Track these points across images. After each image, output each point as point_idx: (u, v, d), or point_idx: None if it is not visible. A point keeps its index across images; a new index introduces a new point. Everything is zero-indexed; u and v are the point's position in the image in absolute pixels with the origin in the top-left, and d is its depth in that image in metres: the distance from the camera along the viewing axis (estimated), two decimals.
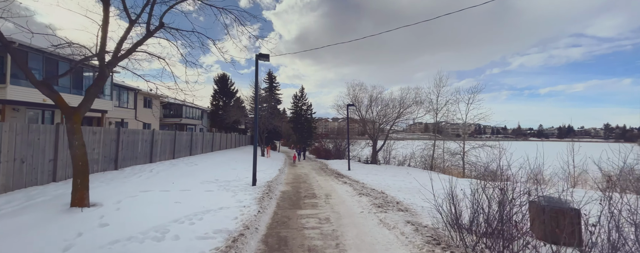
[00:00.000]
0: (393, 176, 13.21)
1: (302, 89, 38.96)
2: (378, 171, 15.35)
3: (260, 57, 9.33)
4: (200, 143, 16.64)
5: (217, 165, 13.19)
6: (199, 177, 9.62)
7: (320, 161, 23.99)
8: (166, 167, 10.62)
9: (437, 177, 11.96)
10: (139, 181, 7.87)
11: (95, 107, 14.62)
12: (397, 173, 14.82)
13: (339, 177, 12.78)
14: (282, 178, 12.56)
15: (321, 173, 15.22)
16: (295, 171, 16.21)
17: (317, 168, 18.62)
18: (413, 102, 20.30)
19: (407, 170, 17.33)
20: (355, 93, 21.65)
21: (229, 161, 15.63)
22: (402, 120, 21.11)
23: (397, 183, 10.90)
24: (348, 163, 16.60)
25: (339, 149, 29.19)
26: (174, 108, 29.73)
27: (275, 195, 8.24)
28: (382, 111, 20.97)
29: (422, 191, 9.33)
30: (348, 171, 15.58)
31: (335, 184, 10.61)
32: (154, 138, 11.10)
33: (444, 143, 19.85)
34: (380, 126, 21.38)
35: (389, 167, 18.53)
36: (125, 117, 19.75)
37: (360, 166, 18.63)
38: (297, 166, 20.04)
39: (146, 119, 23.92)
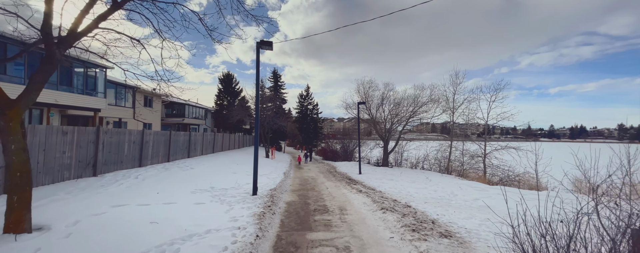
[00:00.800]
0: (412, 182, 11.67)
1: (307, 88, 37.62)
2: (393, 176, 13.81)
3: (263, 45, 7.93)
4: (199, 144, 15.34)
5: (216, 169, 11.84)
6: (192, 184, 8.25)
7: (327, 163, 22.52)
8: (156, 172, 9.29)
9: (462, 184, 10.34)
10: (117, 191, 6.52)
11: (86, 105, 13.43)
12: (415, 177, 13.27)
13: (351, 183, 11.29)
14: (288, 183, 11.14)
15: (330, 177, 13.77)
16: (302, 174, 14.79)
17: (325, 171, 17.17)
18: (429, 100, 18.69)
19: (425, 173, 15.74)
20: (365, 91, 20.17)
21: (230, 163, 14.28)
22: (416, 120, 19.52)
23: (419, 191, 9.37)
24: (359, 167, 15.10)
25: (347, 151, 27.69)
26: (177, 108, 28.63)
27: (278, 208, 6.80)
28: (394, 109, 19.41)
29: (454, 203, 7.82)
30: (359, 175, 14.09)
31: (349, 192, 9.13)
32: (144, 138, 9.78)
33: (463, 144, 18.19)
34: (392, 126, 19.81)
35: (403, 170, 16.97)
36: (123, 116, 18.61)
37: (372, 170, 17.11)
38: (303, 168, 18.63)
39: (147, 118, 22.80)
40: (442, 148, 20.49)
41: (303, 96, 37.42)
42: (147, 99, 22.94)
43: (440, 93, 19.25)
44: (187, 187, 7.81)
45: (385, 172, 15.68)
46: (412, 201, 7.66)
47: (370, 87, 20.11)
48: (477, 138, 20.14)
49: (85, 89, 13.32)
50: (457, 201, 7.91)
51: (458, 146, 18.97)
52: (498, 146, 17.04)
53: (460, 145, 19.20)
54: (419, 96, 18.68)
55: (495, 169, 16.72)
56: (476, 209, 6.99)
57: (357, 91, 20.55)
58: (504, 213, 6.80)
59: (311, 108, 37.29)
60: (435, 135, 50.76)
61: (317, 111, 37.48)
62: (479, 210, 6.86)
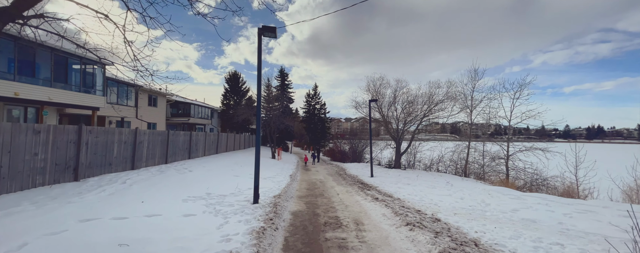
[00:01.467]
0: (432, 187, 10.43)
1: (315, 87, 36.55)
2: (409, 179, 12.58)
3: (265, 32, 6.88)
4: (201, 145, 14.44)
5: (217, 171, 10.87)
6: (187, 190, 7.27)
7: (336, 165, 21.40)
8: (149, 175, 8.36)
9: (490, 190, 9.03)
10: (95, 200, 5.57)
11: (83, 103, 12.69)
12: (433, 182, 12.00)
13: (364, 188, 10.14)
14: (294, 188, 10.07)
15: (340, 180, 12.64)
16: (309, 177, 13.72)
17: (334, 173, 16.05)
18: (445, 97, 17.33)
19: (442, 176, 14.43)
20: (376, 88, 18.95)
21: (233, 165, 13.32)
22: (431, 119, 18.17)
23: (443, 199, 8.15)
24: (371, 169, 13.92)
25: (356, 151, 26.49)
26: (182, 107, 27.99)
27: (282, 220, 5.73)
28: (407, 108, 18.11)
29: (490, 215, 6.59)
30: (372, 178, 12.92)
31: (363, 200, 7.99)
32: (137, 138, 8.87)
33: (483, 145, 16.76)
34: (404, 125, 18.53)
35: (419, 173, 15.68)
36: (126, 115, 17.93)
37: (384, 172, 15.89)
38: (310, 170, 17.56)
39: (151, 118, 22.15)
40: (458, 148, 19.10)
41: (310, 95, 36.38)
42: (151, 98, 22.29)
43: (458, 91, 17.87)
44: (180, 193, 6.83)
45: (399, 175, 14.44)
46: (440, 213, 6.47)
47: (381, 84, 18.91)
48: (498, 138, 18.66)
49: (82, 87, 12.58)
50: (493, 212, 6.67)
51: (476, 147, 17.55)
52: (523, 147, 15.57)
53: (478, 146, 17.79)
54: (434, 94, 17.36)
55: (519, 172, 15.26)
56: (520, 224, 5.76)
57: (367, 89, 19.38)
58: (553, 228, 5.56)
59: (319, 107, 36.21)
60: (445, 135, 48.86)
61: (325, 111, 36.39)
62: (523, 226, 5.63)
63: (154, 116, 22.57)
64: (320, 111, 36.10)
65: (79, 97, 12.21)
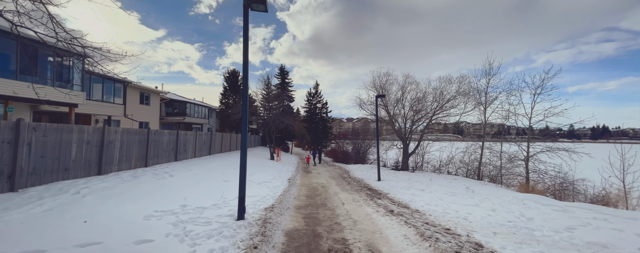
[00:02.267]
0: (451, 193, 8.91)
1: (316, 86, 35.07)
2: (422, 184, 11.08)
3: (253, 3, 5.42)
4: (191, 145, 12.99)
5: (204, 176, 9.42)
6: (157, 201, 5.82)
7: (339, 167, 19.91)
8: (117, 182, 6.91)
9: (520, 198, 7.58)
10: (18, 219, 4.13)
11: (58, 99, 11.28)
12: (451, 187, 10.48)
13: (373, 195, 8.65)
14: (291, 195, 8.59)
15: (344, 185, 11.16)
16: (310, 181, 12.25)
17: (337, 176, 14.57)
18: (457, 94, 15.80)
19: (459, 180, 12.90)
20: (381, 84, 17.42)
21: (225, 168, 11.87)
22: (441, 117, 16.63)
23: (471, 210, 6.65)
24: (378, 172, 12.43)
25: (359, 152, 25.00)
26: (178, 106, 26.62)
27: (272, 247, 4.25)
28: (416, 105, 16.58)
29: (542, 236, 5.08)
30: (379, 182, 11.43)
31: (375, 212, 6.50)
32: (105, 138, 7.43)
33: (501, 146, 15.21)
34: (413, 124, 17.01)
35: (432, 176, 14.16)
36: (113, 114, 16.54)
37: (392, 175, 14.39)
38: (311, 172, 16.09)
39: (142, 117, 20.78)
40: (470, 149, 17.57)
41: (311, 94, 34.91)
42: (143, 96, 20.91)
43: (471, 87, 16.34)
44: (146, 206, 5.38)
45: (409, 179, 12.93)
46: (475, 232, 4.97)
47: (387, 80, 17.40)
48: (515, 138, 17.14)
49: (56, 81, 11.18)
50: (543, 231, 5.17)
51: (491, 147, 16.01)
52: (545, 148, 14.01)
53: (493, 147, 16.26)
54: (445, 90, 15.83)
55: (541, 175, 13.70)
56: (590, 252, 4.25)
57: (372, 85, 17.85)
58: None
59: (320, 106, 34.73)
60: (447, 135, 47.06)
61: (327, 110, 34.90)
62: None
63: (146, 114, 21.20)
64: (321, 110, 34.63)
65: (51, 92, 10.81)
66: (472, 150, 17.51)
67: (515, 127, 16.76)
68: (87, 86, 14.60)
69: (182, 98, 27.98)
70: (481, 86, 16.24)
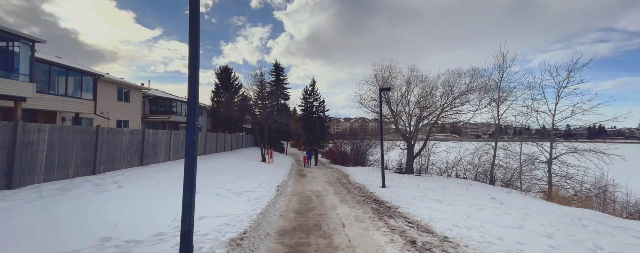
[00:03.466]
0: (478, 207, 7.02)
1: (313, 83, 33.10)
2: (435, 191, 9.18)
3: None
4: (163, 146, 10.98)
5: (168, 186, 7.42)
6: (59, 233, 3.85)
7: (337, 169, 17.98)
8: (24, 201, 4.90)
9: (569, 214, 5.60)
10: None
11: None
12: (472, 196, 8.58)
13: (381, 211, 6.73)
14: (276, 211, 6.63)
15: (343, 194, 9.24)
16: (303, 187, 10.31)
17: (335, 181, 12.66)
18: (469, 88, 13.97)
19: (475, 186, 11.02)
20: (384, 78, 15.51)
21: (201, 174, 9.88)
22: (450, 115, 14.75)
23: (519, 235, 4.76)
24: (382, 177, 10.54)
25: (358, 153, 23.10)
26: (163, 103, 24.52)
27: None
28: (423, 101, 14.69)
29: None
30: (385, 190, 9.54)
31: (389, 243, 4.57)
32: (18, 138, 5.41)
33: (521, 146, 13.37)
34: (419, 122, 15.14)
35: (444, 182, 12.29)
36: (81, 111, 14.44)
37: (398, 180, 12.49)
38: (306, 176, 14.14)
39: (121, 115, 18.68)
40: (481, 149, 15.78)
41: (308, 91, 32.94)
42: (122, 92, 18.80)
43: (482, 81, 14.52)
44: (37, 244, 3.40)
45: (418, 184, 11.04)
46: None
47: (390, 74, 15.48)
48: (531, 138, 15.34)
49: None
50: None
51: (507, 148, 14.20)
52: (570, 149, 12.21)
53: (509, 147, 14.48)
54: (455, 84, 13.98)
55: (567, 179, 11.89)
56: None
57: (374, 79, 15.92)
58: None
59: (317, 104, 32.77)
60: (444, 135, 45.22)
61: (324, 109, 32.96)
62: None
63: (125, 112, 19.09)
64: (318, 109, 32.69)
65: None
66: (484, 151, 15.73)
67: (532, 126, 15.00)
68: (47, 77, 12.53)
69: (168, 95, 25.87)
70: (493, 80, 14.45)
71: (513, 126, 14.50)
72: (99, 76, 14.86)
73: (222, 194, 7.52)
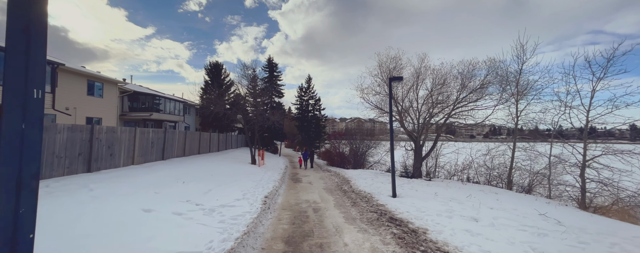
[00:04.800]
0: (537, 231, 5.11)
1: (309, 80, 31.08)
2: (462, 204, 7.25)
3: None
4: (124, 148, 8.82)
5: (108, 204, 5.33)
6: None
7: (335, 172, 16.00)
8: None
9: None
10: None
11: None
12: (513, 211, 6.68)
13: (405, 238, 4.77)
14: (259, 237, 4.61)
15: (347, 206, 7.26)
16: (297, 197, 8.29)
17: (335, 187, 10.68)
18: (484, 83, 12.16)
19: (502, 194, 9.15)
20: (389, 70, 13.58)
21: (169, 183, 7.80)
22: (466, 111, 12.90)
23: None
24: (393, 186, 8.59)
25: (358, 154, 21.16)
26: (144, 100, 22.18)
27: None
28: (435, 95, 12.80)
29: None
30: (397, 201, 7.59)
31: None
32: None
33: (551, 147, 11.60)
34: (428, 119, 13.26)
35: (466, 188, 10.42)
36: None
37: (407, 185, 10.57)
38: (301, 181, 12.11)
39: (91, 111, 16.38)
40: (497, 150, 14.04)
41: (303, 88, 30.90)
42: (92, 85, 16.49)
43: (500, 73, 12.75)
44: None
45: (436, 193, 9.12)
46: None
47: (397, 65, 13.55)
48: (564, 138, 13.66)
49: None
50: None
51: (530, 148, 12.45)
52: (605, 150, 10.48)
53: (534, 147, 12.77)
54: (472, 75, 12.15)
55: (605, 186, 10.14)
56: None
57: (378, 70, 13.95)
58: None
59: (313, 103, 30.75)
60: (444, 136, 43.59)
61: (320, 107, 30.96)
62: None
63: (97, 108, 16.78)
64: (314, 107, 30.68)
65: None
66: (498, 152, 14.00)
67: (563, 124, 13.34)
68: None
69: (149, 90, 23.53)
70: (510, 73, 12.69)
71: (535, 124, 12.73)
72: (58, 64, 12.58)
73: (185, 213, 5.46)
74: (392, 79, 8.99)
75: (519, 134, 13.60)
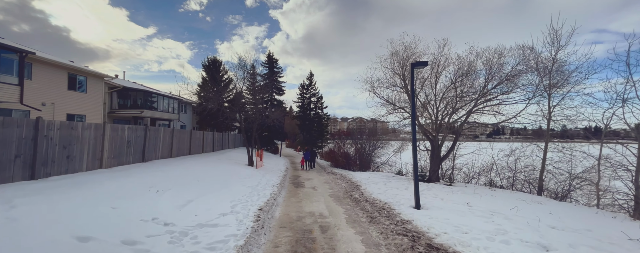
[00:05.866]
0: None
1: (310, 76, 29.37)
2: (509, 219, 5.56)
3: None
4: (86, 148, 7.16)
5: (26, 227, 3.66)
6: None
7: (340, 175, 14.33)
8: None
9: None
10: None
11: None
12: (588, 232, 4.99)
13: None
14: None
15: (363, 222, 5.58)
16: (299, 208, 6.61)
17: (343, 194, 9.00)
18: (514, 73, 10.46)
19: (546, 203, 7.43)
20: (402, 61, 11.87)
21: (137, 194, 6.16)
22: (493, 105, 11.15)
23: None
24: (416, 194, 6.92)
25: (363, 155, 19.48)
26: (134, 96, 20.57)
27: None
28: (459, 86, 11.04)
29: None
30: (424, 214, 5.90)
31: None
32: None
33: (601, 148, 9.86)
34: (452, 114, 11.55)
35: (494, 195, 8.69)
36: (7, 99, 10.58)
37: (427, 191, 8.87)
38: (304, 186, 10.42)
39: (73, 107, 14.79)
40: (523, 151, 12.40)
41: (305, 85, 29.19)
42: (73, 79, 14.89)
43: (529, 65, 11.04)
44: None
45: (469, 204, 7.42)
46: None
47: (413, 54, 11.81)
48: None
49: None
50: None
51: (570, 148, 10.76)
52: None
53: (565, 149, 11.11)
54: (504, 63, 10.44)
55: None
56: None
57: (391, 57, 12.17)
58: None
59: (315, 100, 29.04)
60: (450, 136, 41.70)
61: (322, 105, 29.25)
62: None
63: (79, 105, 15.19)
64: (316, 105, 28.99)
65: None
66: (522, 153, 12.39)
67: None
68: None
69: (141, 86, 21.92)
70: (541, 62, 10.97)
71: (575, 121, 10.99)
72: (27, 53, 10.97)
73: (141, 240, 3.81)
74: (415, 64, 7.31)
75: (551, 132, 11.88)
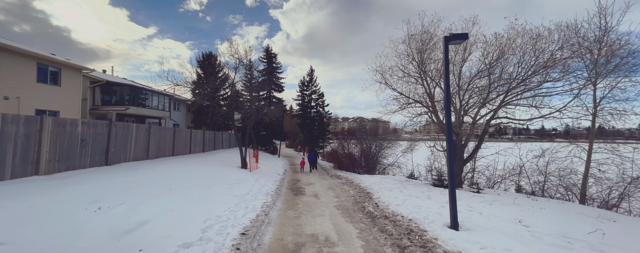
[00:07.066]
0: None
1: (311, 72, 27.57)
2: (589, 243, 3.73)
3: None
4: (14, 148, 5.40)
5: None
6: None
7: (345, 178, 12.49)
8: None
9: None
10: None
11: None
12: None
13: None
14: None
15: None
16: (298, 226, 4.75)
17: (352, 205, 7.16)
18: (557, 57, 8.63)
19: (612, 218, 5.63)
20: (420, 47, 10.05)
21: (38, 222, 4.32)
22: (528, 97, 9.29)
23: None
24: (453, 210, 5.09)
25: (369, 156, 17.63)
26: (120, 92, 18.80)
27: None
28: (492, 72, 9.16)
29: None
30: (469, 241, 4.04)
31: None
32: None
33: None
34: (480, 108, 9.72)
35: (543, 208, 6.88)
36: None
37: (458, 201, 7.03)
38: (304, 193, 8.59)
39: (45, 103, 13.05)
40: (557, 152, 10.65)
41: (305, 82, 27.40)
42: (45, 71, 13.13)
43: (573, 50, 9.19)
44: None
45: (521, 222, 5.60)
46: None
47: (429, 40, 9.98)
48: None
49: None
50: None
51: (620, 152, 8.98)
52: None
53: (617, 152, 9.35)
54: (544, 48, 8.60)
55: None
56: None
57: (406, 44, 10.37)
58: None
59: (316, 97, 27.25)
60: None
61: (323, 103, 27.45)
62: None
63: (52, 99, 13.42)
64: (317, 102, 27.19)
65: None
66: (561, 154, 10.62)
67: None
68: None
69: (126, 81, 20.17)
70: (585, 46, 9.15)
71: (625, 117, 9.17)
72: None
73: None
74: (450, 38, 5.50)
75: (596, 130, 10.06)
